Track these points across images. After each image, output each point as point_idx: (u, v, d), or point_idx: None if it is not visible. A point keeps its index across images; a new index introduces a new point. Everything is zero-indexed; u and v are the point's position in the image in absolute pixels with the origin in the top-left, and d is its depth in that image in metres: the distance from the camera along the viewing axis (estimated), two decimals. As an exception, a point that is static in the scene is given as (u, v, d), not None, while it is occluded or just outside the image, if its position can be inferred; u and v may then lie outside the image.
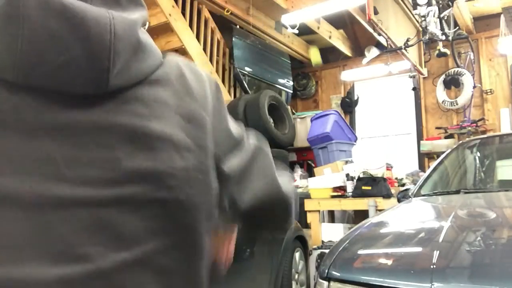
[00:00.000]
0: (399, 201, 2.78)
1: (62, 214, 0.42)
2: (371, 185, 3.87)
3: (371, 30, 5.59)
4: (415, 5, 4.75)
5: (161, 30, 5.17)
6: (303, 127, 6.66)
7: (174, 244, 0.48)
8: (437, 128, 6.38)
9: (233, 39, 5.91)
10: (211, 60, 5.71)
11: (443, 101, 6.26)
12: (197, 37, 5.45)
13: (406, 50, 5.22)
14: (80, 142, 0.44)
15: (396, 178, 4.34)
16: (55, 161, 0.43)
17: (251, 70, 6.18)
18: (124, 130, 0.46)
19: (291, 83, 7.10)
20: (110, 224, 0.44)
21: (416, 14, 4.92)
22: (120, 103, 0.46)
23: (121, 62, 0.44)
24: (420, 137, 6.72)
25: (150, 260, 0.46)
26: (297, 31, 5.37)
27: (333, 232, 4.27)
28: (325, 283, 1.62)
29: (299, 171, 6.28)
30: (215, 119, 0.55)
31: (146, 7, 0.52)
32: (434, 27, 4.94)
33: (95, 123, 0.45)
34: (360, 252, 1.81)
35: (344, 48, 7.27)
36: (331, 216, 5.08)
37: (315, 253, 3.77)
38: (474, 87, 6.00)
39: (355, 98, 7.54)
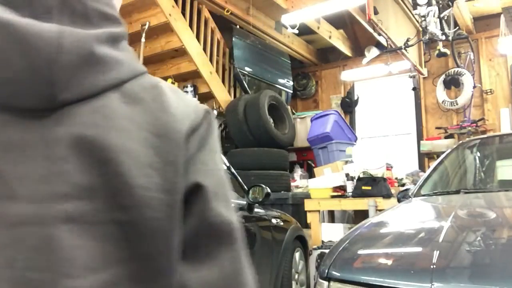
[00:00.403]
0: (399, 201, 2.78)
1: (11, 234, 0.40)
2: (371, 185, 3.88)
3: (371, 30, 5.59)
4: (415, 5, 4.75)
5: (161, 30, 5.17)
6: (303, 127, 6.67)
7: (135, 276, 0.43)
8: (437, 128, 6.39)
9: (233, 39, 5.91)
10: (211, 60, 5.71)
11: (443, 101, 6.26)
12: (197, 37, 5.45)
13: (406, 50, 5.22)
14: (31, 158, 0.42)
15: (396, 178, 4.35)
16: (6, 179, 0.41)
17: (251, 70, 6.18)
18: (76, 142, 0.43)
19: (291, 83, 7.10)
20: (59, 246, 0.41)
21: (416, 14, 4.92)
22: (75, 116, 0.44)
23: (68, 74, 0.43)
24: (420, 137, 6.72)
25: None
26: (297, 31, 5.38)
27: (333, 232, 4.27)
28: (325, 283, 1.62)
29: (299, 171, 6.29)
30: (199, 142, 0.50)
31: (123, 24, 0.51)
32: (434, 27, 4.94)
33: (47, 136, 0.42)
34: (360, 252, 1.81)
35: (344, 48, 7.27)
36: (331, 216, 5.08)
37: (315, 253, 3.77)
38: (474, 87, 6.01)
39: (355, 98, 7.54)
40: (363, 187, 3.91)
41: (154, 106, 0.48)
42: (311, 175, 6.02)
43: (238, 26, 6.04)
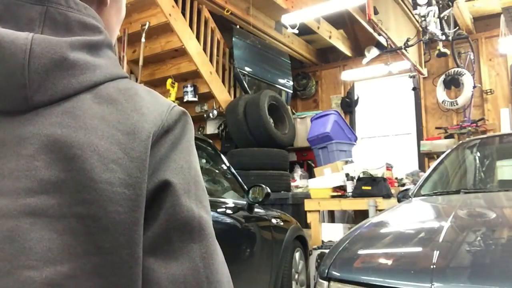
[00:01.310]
0: (399, 201, 2.78)
1: None
2: (371, 185, 3.88)
3: (371, 30, 5.59)
4: (415, 5, 4.75)
5: (161, 30, 5.17)
6: (303, 127, 6.66)
7: (95, 269, 0.44)
8: (437, 128, 6.39)
9: (233, 39, 5.91)
10: (211, 60, 5.71)
11: (443, 101, 6.26)
12: (197, 37, 5.45)
13: (406, 50, 5.22)
14: (3, 155, 0.45)
15: (396, 178, 4.35)
16: None
17: (251, 70, 6.18)
18: (46, 140, 0.45)
19: (291, 83, 7.10)
20: (19, 237, 0.42)
21: (416, 14, 4.92)
22: (48, 116, 0.46)
23: (40, 78, 0.46)
24: (420, 137, 6.72)
25: (64, 285, 0.43)
26: (297, 31, 5.38)
27: (333, 232, 4.27)
28: (325, 283, 1.62)
29: (299, 171, 6.29)
30: (172, 142, 0.52)
31: (104, 33, 0.54)
32: (434, 27, 4.94)
33: (19, 136, 0.46)
34: (360, 252, 1.81)
35: (344, 48, 7.27)
36: (331, 216, 5.08)
37: (315, 253, 3.77)
38: (474, 87, 6.00)
39: (355, 98, 7.54)
40: (363, 187, 3.91)
41: (126, 106, 0.50)
42: (311, 175, 6.01)
43: (238, 26, 6.04)
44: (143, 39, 5.13)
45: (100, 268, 0.45)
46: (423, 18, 4.73)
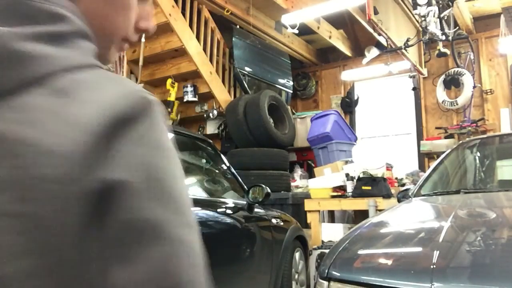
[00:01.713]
0: (399, 201, 2.78)
1: None
2: (371, 185, 3.88)
3: (371, 30, 5.59)
4: (415, 5, 4.75)
5: (161, 30, 5.17)
6: (303, 127, 6.66)
7: (36, 270, 0.43)
8: (437, 128, 6.39)
9: (233, 39, 5.91)
10: (211, 60, 5.71)
11: (443, 101, 6.26)
12: (197, 37, 5.45)
13: (406, 50, 5.22)
14: None
15: (396, 178, 4.35)
16: None
17: (251, 70, 6.18)
18: None
19: (291, 83, 7.10)
20: None
21: (416, 14, 4.92)
22: None
23: None
24: (420, 137, 6.72)
25: (6, 285, 0.42)
26: (297, 31, 5.38)
27: (333, 232, 4.27)
28: (325, 283, 1.62)
29: (299, 171, 6.29)
30: (132, 136, 0.48)
31: (74, 22, 0.51)
32: (434, 27, 4.94)
33: None
34: (360, 252, 1.81)
35: (344, 48, 7.27)
36: (331, 216, 5.08)
37: (315, 253, 3.77)
38: (474, 87, 6.01)
39: (355, 98, 7.54)
40: (363, 187, 3.91)
41: (80, 97, 0.47)
42: (311, 175, 6.01)
43: (238, 26, 6.04)
44: (143, 39, 5.13)
45: (42, 269, 0.43)
46: (423, 18, 4.73)
